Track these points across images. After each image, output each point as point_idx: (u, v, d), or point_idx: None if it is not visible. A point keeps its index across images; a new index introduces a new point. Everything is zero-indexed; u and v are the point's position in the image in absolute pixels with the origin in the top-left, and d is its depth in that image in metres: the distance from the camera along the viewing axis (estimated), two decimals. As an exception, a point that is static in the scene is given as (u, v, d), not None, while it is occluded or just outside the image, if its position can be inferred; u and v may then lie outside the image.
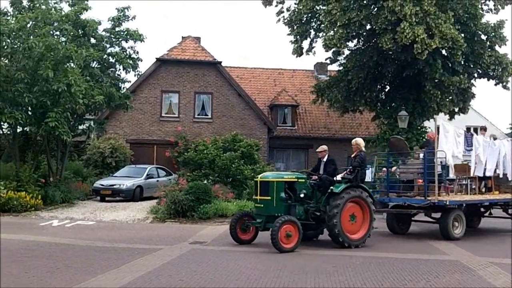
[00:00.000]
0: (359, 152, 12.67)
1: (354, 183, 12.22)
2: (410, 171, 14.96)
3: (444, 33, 22.26)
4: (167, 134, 28.88)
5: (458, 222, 13.87)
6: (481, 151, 15.13)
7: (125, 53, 22.29)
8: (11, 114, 17.90)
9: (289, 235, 11.16)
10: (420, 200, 13.70)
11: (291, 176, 12.57)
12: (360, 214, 12.27)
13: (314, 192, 12.42)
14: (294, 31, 27.57)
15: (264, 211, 11.94)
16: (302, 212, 12.14)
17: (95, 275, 8.40)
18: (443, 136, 13.92)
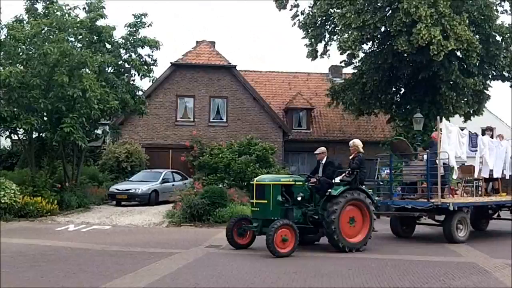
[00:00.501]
0: (357, 153, 12.44)
1: (353, 186, 11.99)
2: (413, 173, 14.77)
3: (459, 34, 22.08)
4: (182, 138, 29.00)
5: (462, 225, 13.56)
6: (487, 151, 14.79)
7: (141, 59, 22.38)
8: (26, 120, 18.09)
9: (285, 239, 10.90)
10: (423, 203, 13.44)
11: (288, 179, 12.39)
12: (360, 217, 12.03)
13: (313, 195, 12.13)
14: (309, 34, 27.55)
15: (260, 215, 11.68)
16: (300, 215, 11.89)
17: (111, 279, 8.43)
18: (445, 137, 13.61)
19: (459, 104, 24.91)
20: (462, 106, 25.25)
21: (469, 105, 25.88)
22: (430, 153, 13.83)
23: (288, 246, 10.94)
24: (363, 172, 12.29)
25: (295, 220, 11.58)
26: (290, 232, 11.02)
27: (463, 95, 24.67)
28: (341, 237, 11.47)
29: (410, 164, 15.06)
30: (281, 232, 10.87)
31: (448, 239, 13.30)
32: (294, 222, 11.41)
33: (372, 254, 11.51)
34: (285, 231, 10.94)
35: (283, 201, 11.73)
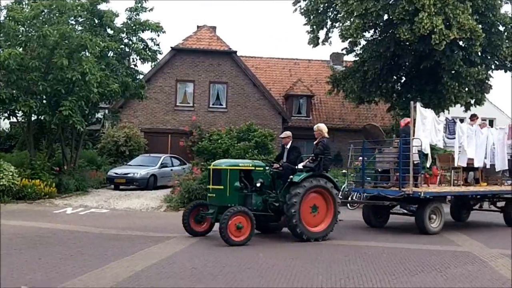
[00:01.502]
0: (321, 138, 11.89)
1: (317, 172, 11.43)
2: (386, 160, 14.06)
3: (462, 24, 21.95)
4: (182, 123, 28.97)
5: (435, 215, 13.11)
6: (465, 139, 14.28)
7: (144, 44, 22.25)
8: (25, 102, 18.04)
9: (240, 227, 10.41)
10: (395, 192, 12.86)
11: (247, 164, 11.78)
12: (323, 205, 11.53)
13: (276, 181, 11.61)
14: (311, 21, 27.39)
15: (217, 201, 11.10)
16: (260, 202, 11.37)
17: (109, 262, 8.46)
18: (420, 123, 13.01)
19: (461, 94, 24.81)
20: (464, 95, 25.14)
21: (471, 95, 25.79)
22: (402, 140, 13.25)
23: (243, 234, 10.48)
24: (328, 158, 11.75)
25: (254, 208, 11.14)
26: (246, 219, 10.53)
27: (465, 84, 24.55)
28: (301, 225, 11.04)
29: (383, 151, 14.44)
30: (236, 220, 10.39)
31: (421, 230, 12.92)
32: (253, 209, 11.00)
33: (368, 242, 11.56)
34: (240, 218, 10.46)
35: (242, 187, 11.23)
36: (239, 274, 7.90)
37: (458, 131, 14.18)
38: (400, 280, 7.85)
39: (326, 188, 11.48)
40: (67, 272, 7.69)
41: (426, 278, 8.02)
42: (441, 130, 13.69)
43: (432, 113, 13.73)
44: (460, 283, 7.79)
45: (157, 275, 7.68)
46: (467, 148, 14.33)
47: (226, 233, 10.24)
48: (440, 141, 13.87)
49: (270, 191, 11.51)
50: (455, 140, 14.16)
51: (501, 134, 15.61)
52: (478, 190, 14.72)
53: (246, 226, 10.52)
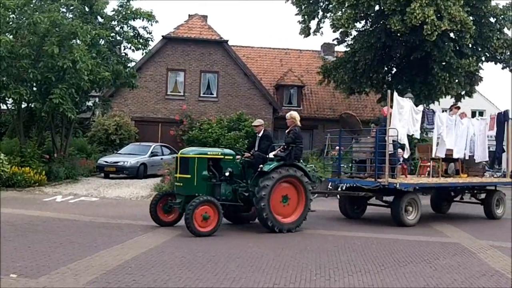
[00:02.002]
0: (294, 127, 11.58)
1: (288, 161, 11.14)
2: (363, 150, 13.73)
3: (453, 15, 22.03)
4: (172, 112, 28.87)
5: (412, 207, 12.90)
6: (444, 130, 14.06)
7: (135, 32, 22.11)
8: (15, 89, 17.89)
9: (206, 217, 10.15)
10: (371, 182, 12.64)
11: (216, 152, 11.42)
12: (295, 195, 11.28)
13: (248, 170, 11.32)
14: (302, 11, 27.37)
15: (184, 190, 10.79)
16: (230, 192, 11.08)
17: (98, 250, 8.46)
18: (396, 112, 12.72)
19: (452, 85, 24.95)
20: (455, 87, 25.29)
21: (461, 86, 25.93)
22: (379, 129, 13.03)
23: (210, 224, 10.22)
24: (299, 147, 11.46)
25: (223, 197, 10.90)
26: (213, 209, 10.26)
27: (455, 76, 24.69)
28: (272, 218, 10.81)
29: (360, 141, 14.11)
30: (202, 210, 10.11)
31: (396, 222, 12.69)
32: (222, 199, 10.79)
33: (358, 232, 11.61)
34: (206, 208, 10.18)
35: (210, 176, 10.87)
36: (229, 264, 7.92)
37: (437, 121, 13.94)
38: (389, 270, 7.92)
39: (297, 178, 11.23)
40: (56, 260, 7.68)
41: (415, 269, 8.09)
42: (419, 120, 13.45)
43: (410, 103, 13.47)
44: (448, 274, 7.87)
45: (147, 264, 7.69)
46: (446, 138, 14.15)
47: (192, 223, 9.97)
48: (418, 132, 13.55)
49: (240, 180, 11.23)
50: (434, 131, 14.02)
51: (482, 124, 15.48)
52: (457, 182, 14.46)
53: (213, 216, 10.26)
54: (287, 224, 11.07)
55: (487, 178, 15.39)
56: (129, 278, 6.89)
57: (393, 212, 12.86)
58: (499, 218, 14.92)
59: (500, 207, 15.26)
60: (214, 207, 10.31)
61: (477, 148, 15.17)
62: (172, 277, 7.03)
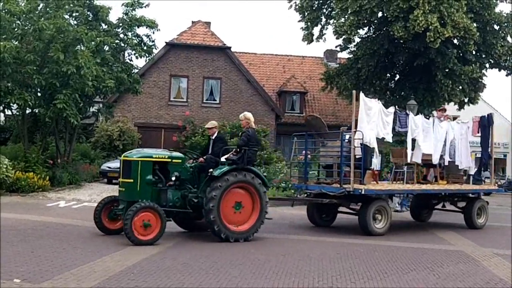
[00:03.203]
0: (248, 128, 10.94)
1: (239, 165, 10.39)
2: (329, 154, 13.11)
3: (457, 22, 22.05)
4: (175, 118, 28.94)
5: (381, 215, 12.19)
6: (420, 133, 13.24)
7: (139, 39, 22.23)
8: (20, 95, 17.95)
9: (147, 225, 9.46)
10: (336, 188, 11.97)
11: (163, 155, 10.63)
12: (249, 201, 10.56)
13: (201, 175, 10.59)
14: (305, 17, 27.47)
15: (126, 196, 10.07)
16: (178, 198, 10.36)
17: (101, 256, 8.46)
18: (364, 114, 11.99)
19: (455, 92, 24.96)
20: (458, 94, 25.29)
21: (465, 93, 25.92)
22: (345, 133, 12.35)
23: (152, 232, 9.55)
24: (253, 150, 10.77)
25: (170, 204, 10.22)
26: (155, 216, 9.57)
27: (459, 82, 24.70)
28: (220, 223, 10.09)
29: (327, 145, 13.49)
30: (142, 217, 9.43)
31: (364, 230, 12.04)
32: (169, 205, 10.17)
33: (360, 239, 11.56)
34: (148, 215, 9.50)
35: (155, 181, 10.19)
36: (231, 270, 7.91)
37: (410, 124, 13.15)
38: (392, 278, 7.90)
39: (253, 184, 10.49)
40: (59, 265, 7.68)
41: (418, 276, 8.07)
42: (390, 123, 12.64)
43: (378, 104, 12.65)
44: (452, 282, 7.84)
45: (149, 270, 7.69)
46: (423, 142, 13.35)
47: (131, 231, 9.30)
48: (389, 135, 12.67)
49: (192, 186, 10.55)
50: (408, 134, 13.17)
51: (463, 128, 14.65)
52: (432, 189, 13.68)
53: (155, 224, 9.56)
54: (241, 233, 10.38)
55: (467, 186, 14.56)
56: (131, 283, 6.89)
57: (360, 220, 12.16)
58: (481, 227, 14.20)
59: (481, 216, 14.48)
60: (156, 214, 9.60)
61: (460, 153, 14.35)
62: (175, 282, 7.03)
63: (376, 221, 12.14)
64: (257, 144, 11.03)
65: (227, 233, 10.19)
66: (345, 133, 12.53)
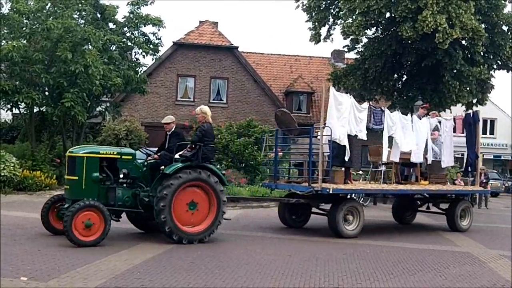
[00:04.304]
0: (204, 123, 10.42)
1: (194, 162, 9.87)
2: (300, 151, 12.51)
3: (465, 23, 21.93)
4: (182, 118, 28.91)
5: (352, 216, 11.65)
6: (399, 130, 12.63)
7: (145, 38, 22.33)
8: (28, 94, 18.07)
9: (89, 225, 8.95)
10: (305, 188, 11.47)
11: (111, 151, 10.06)
12: (205, 201, 10.01)
13: (155, 173, 10.04)
14: (313, 17, 27.38)
15: (71, 194, 9.53)
16: (128, 197, 9.86)
17: (107, 255, 8.48)
18: (334, 109, 11.42)
19: (462, 93, 24.79)
20: (466, 95, 25.12)
21: (473, 95, 25.76)
22: (313, 129, 11.82)
23: (94, 233, 9.04)
24: (210, 146, 10.23)
25: (119, 203, 9.74)
26: (98, 216, 9.07)
27: (467, 84, 24.56)
28: (171, 223, 9.56)
29: (297, 142, 12.94)
30: (84, 216, 8.93)
31: (334, 232, 11.51)
32: (118, 204, 9.71)
33: (367, 240, 11.53)
34: (90, 214, 8.99)
35: (103, 179, 9.66)
36: (237, 270, 7.92)
37: (386, 120, 12.53)
38: (398, 279, 7.88)
39: (209, 183, 9.95)
40: (66, 263, 7.72)
41: (424, 278, 8.04)
42: (363, 119, 12.06)
43: (350, 99, 12.02)
44: (459, 283, 7.81)
45: (155, 269, 7.71)
46: (404, 140, 12.74)
47: (71, 231, 8.82)
48: (363, 132, 12.06)
49: (145, 184, 10.04)
50: (384, 132, 12.54)
51: (446, 126, 14.08)
52: (409, 189, 13.02)
53: (98, 224, 9.06)
54: (196, 234, 9.86)
55: (449, 186, 14.03)
56: (137, 282, 6.91)
57: (330, 221, 11.60)
58: (465, 230, 13.65)
59: (465, 218, 13.90)
60: (99, 214, 9.08)
61: (443, 151, 13.75)
62: (181, 282, 7.04)
63: (347, 222, 11.61)
64: (213, 140, 10.55)
65: (180, 234, 9.66)
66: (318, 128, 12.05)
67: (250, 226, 12.84)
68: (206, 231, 9.97)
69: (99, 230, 9.08)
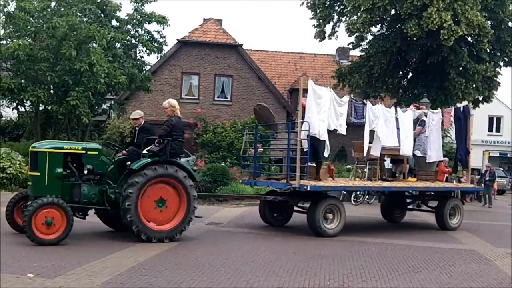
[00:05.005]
0: (172, 116, 10.12)
1: (161, 158, 9.57)
2: (279, 147, 12.11)
3: (471, 20, 21.84)
4: (186, 115, 28.83)
5: (332, 214, 11.22)
6: (381, 124, 12.11)
7: (150, 35, 22.36)
8: (33, 92, 18.14)
9: (50, 222, 8.66)
10: (283, 185, 11.13)
11: (75, 146, 9.75)
12: (174, 197, 9.70)
13: (124, 170, 9.73)
14: (317, 15, 27.31)
15: (33, 191, 9.30)
16: (95, 194, 9.53)
17: (112, 252, 8.51)
18: (313, 103, 11.05)
19: (468, 90, 24.68)
20: (472, 92, 25.01)
21: (479, 92, 25.64)
22: (292, 123, 11.45)
23: (56, 231, 8.76)
24: (178, 141, 9.91)
25: (85, 200, 9.42)
26: (59, 213, 8.79)
27: (472, 81, 24.46)
28: (139, 222, 9.25)
29: (277, 137, 12.62)
30: (44, 214, 8.64)
31: (313, 230, 11.13)
32: (83, 201, 9.39)
33: (372, 238, 11.51)
34: (51, 212, 8.71)
35: (67, 175, 9.38)
36: (242, 267, 7.92)
37: (368, 114, 12.04)
38: (403, 277, 7.86)
39: (177, 178, 9.61)
40: (71, 261, 7.73)
41: (430, 276, 8.02)
42: (344, 113, 11.69)
43: (330, 93, 11.57)
44: (464, 281, 7.79)
45: (161, 266, 7.72)
46: (383, 134, 12.18)
47: (30, 229, 8.54)
48: (342, 126, 11.69)
49: (112, 181, 9.69)
50: (365, 126, 12.06)
51: (434, 119, 13.52)
52: (393, 186, 12.56)
53: (59, 222, 8.78)
54: (166, 232, 9.52)
55: (438, 183, 13.52)
56: (143, 279, 6.92)
57: (309, 219, 11.23)
58: (455, 229, 13.21)
59: (455, 217, 13.40)
60: (60, 211, 8.81)
61: (429, 146, 13.24)
62: (186, 279, 7.05)
63: (327, 220, 11.20)
64: (183, 135, 10.17)
65: (149, 233, 9.37)
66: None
67: (254, 223, 12.84)
68: (177, 228, 9.67)
69: (60, 228, 8.82)
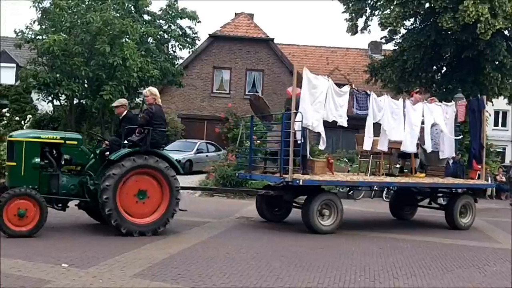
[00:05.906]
0: (153, 105, 9.64)
1: (142, 148, 9.22)
2: (275, 139, 11.56)
3: (508, 13, 21.29)
4: (218, 110, 29.12)
5: (328, 210, 10.75)
6: (388, 117, 11.55)
7: (182, 31, 22.58)
8: (68, 86, 18.52)
9: (22, 214, 8.41)
10: (277, 178, 10.67)
11: (54, 135, 9.38)
12: (156, 189, 9.36)
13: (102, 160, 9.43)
14: (350, 8, 27.01)
15: (9, 181, 8.98)
16: (74, 185, 9.25)
17: (144, 244, 8.60)
18: (307, 93, 10.57)
19: (505, 85, 24.08)
20: (508, 87, 24.40)
21: (516, 87, 24.98)
22: (285, 114, 10.76)
23: (28, 223, 8.49)
24: (159, 130, 9.48)
25: (63, 191, 9.13)
26: (32, 204, 8.51)
27: (509, 76, 23.85)
28: (121, 219, 8.96)
29: (273, 129, 12.15)
30: (16, 205, 8.39)
31: (308, 226, 10.66)
32: (61, 192, 9.10)
33: (405, 234, 11.34)
34: (24, 203, 8.44)
35: (45, 165, 9.07)
36: (272, 261, 7.92)
37: (372, 105, 11.42)
38: (436, 275, 7.73)
39: (158, 169, 9.27)
40: (104, 252, 7.86)
41: (463, 274, 7.88)
42: (344, 104, 11.13)
43: (328, 82, 11.08)
44: (498, 280, 7.62)
45: (191, 258, 7.79)
46: (390, 128, 11.59)
47: (1, 221, 8.30)
48: (342, 117, 11.13)
49: (93, 172, 9.35)
50: (368, 117, 11.44)
51: (448, 112, 12.75)
52: (393, 182, 12.07)
53: (32, 214, 8.52)
54: (147, 225, 9.23)
55: (448, 180, 12.94)
56: (174, 271, 6.99)
57: (303, 215, 10.79)
58: (466, 228, 12.52)
59: (466, 215, 12.69)
60: (34, 202, 8.53)
61: (442, 141, 12.54)
62: (216, 272, 7.09)
63: (323, 217, 10.75)
64: (164, 124, 9.74)
65: (129, 227, 9.04)
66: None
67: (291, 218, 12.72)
68: (159, 221, 9.35)
69: (34, 219, 8.56)
